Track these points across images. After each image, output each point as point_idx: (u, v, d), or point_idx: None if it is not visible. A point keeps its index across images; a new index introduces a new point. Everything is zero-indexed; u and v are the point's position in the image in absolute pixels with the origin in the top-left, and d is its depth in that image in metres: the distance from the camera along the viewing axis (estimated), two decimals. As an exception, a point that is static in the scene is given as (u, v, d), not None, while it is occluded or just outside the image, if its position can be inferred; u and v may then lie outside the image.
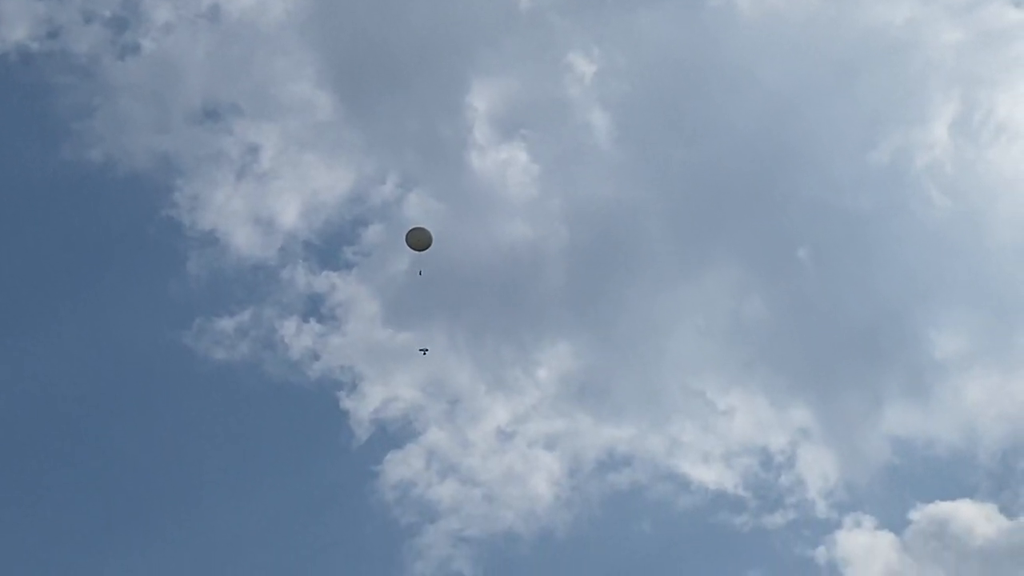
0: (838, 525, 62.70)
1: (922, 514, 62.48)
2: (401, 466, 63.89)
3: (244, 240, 67.96)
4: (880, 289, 68.83)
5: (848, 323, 68.21)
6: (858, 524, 62.84)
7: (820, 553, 61.73)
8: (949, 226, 69.91)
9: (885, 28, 71.86)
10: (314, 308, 67.69)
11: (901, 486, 64.67)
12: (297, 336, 65.82)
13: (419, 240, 49.84)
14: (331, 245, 70.43)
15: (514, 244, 69.41)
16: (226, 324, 65.48)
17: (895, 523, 62.54)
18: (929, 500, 63.05)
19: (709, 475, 63.88)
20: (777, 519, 63.23)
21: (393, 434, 65.15)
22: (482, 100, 71.62)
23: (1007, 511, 61.33)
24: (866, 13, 72.91)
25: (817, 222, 69.74)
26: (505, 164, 71.35)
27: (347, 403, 64.83)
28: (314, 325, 66.59)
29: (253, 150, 69.87)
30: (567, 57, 71.45)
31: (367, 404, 64.85)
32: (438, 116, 71.57)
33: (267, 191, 70.04)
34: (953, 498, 62.81)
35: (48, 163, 67.46)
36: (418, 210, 68.71)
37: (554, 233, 69.42)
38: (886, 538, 62.05)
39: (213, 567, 60.47)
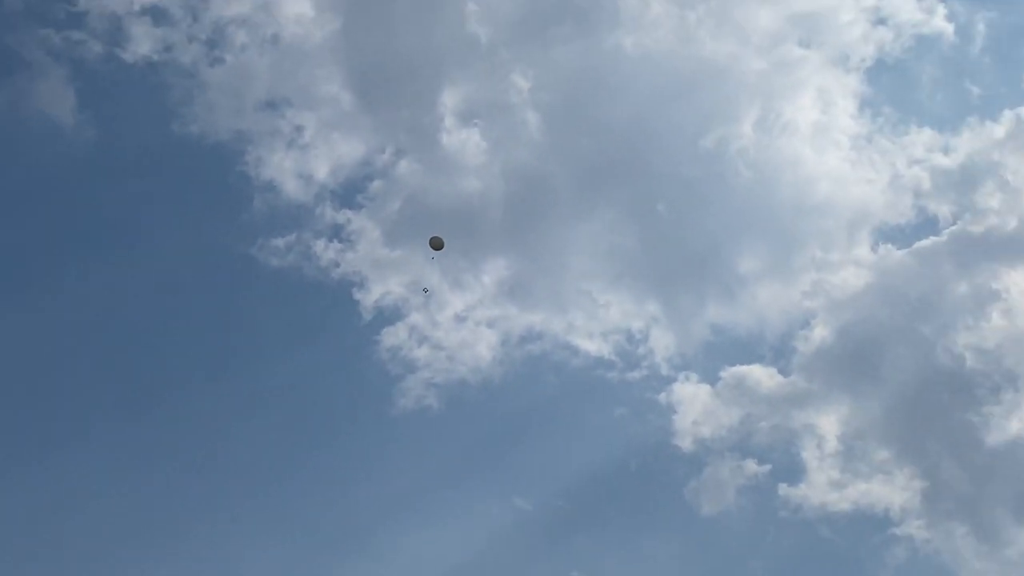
0: (674, 379, 74.04)
1: (728, 373, 73.90)
2: (392, 337, 74.44)
3: (292, 188, 77.35)
4: (706, 228, 78.59)
5: (685, 250, 78.36)
6: (687, 379, 74.25)
7: (662, 397, 73.55)
8: (751, 189, 78.72)
9: (714, 58, 79.40)
10: (337, 233, 76.88)
11: (715, 355, 75.52)
12: (325, 252, 75.89)
13: (437, 244, 55.65)
14: (348, 192, 78.61)
15: (469, 194, 78.27)
16: (279, 242, 75.69)
17: (711, 379, 73.99)
18: (733, 364, 74.44)
19: (592, 346, 74.76)
20: (635, 375, 74.49)
21: (388, 316, 75.14)
22: (451, 100, 79.46)
23: (783, 372, 73.69)
24: (702, 48, 79.89)
25: (668, 185, 79.08)
26: (464, 142, 79.20)
27: (358, 296, 75.30)
28: (336, 245, 76.29)
29: (299, 129, 78.37)
30: (511, 76, 78.85)
31: (371, 297, 75.16)
32: (421, 109, 79.09)
33: (307, 156, 78.53)
34: (748, 363, 74.35)
35: (162, 135, 77.14)
36: (406, 171, 78.78)
37: (495, 187, 78.20)
38: (704, 388, 73.81)
39: (269, 399, 71.93)
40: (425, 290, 71.61)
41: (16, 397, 68.17)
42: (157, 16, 75.48)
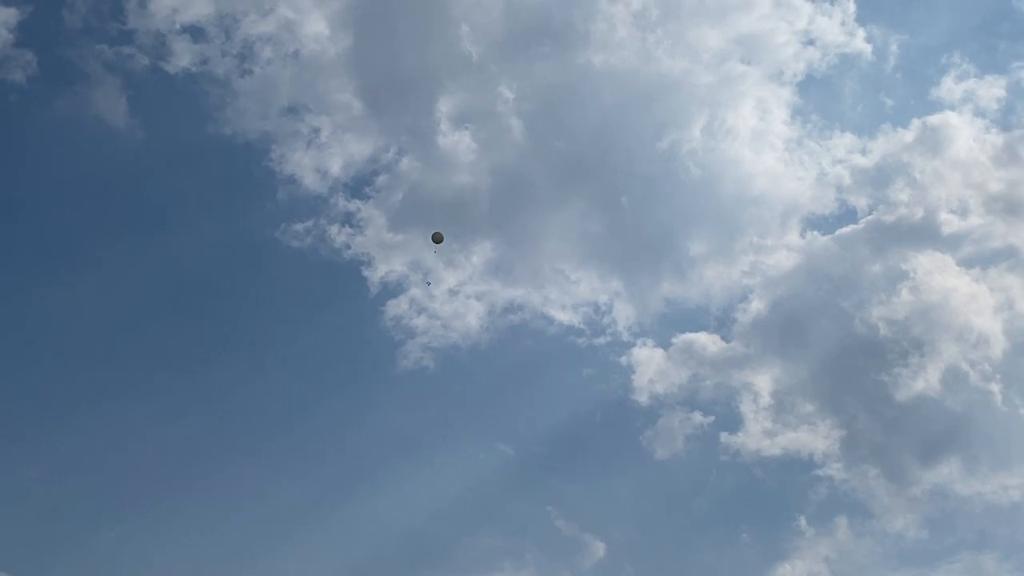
0: (633, 345, 77.80)
1: (679, 340, 77.72)
2: (395, 308, 78.17)
3: (310, 181, 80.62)
4: (661, 217, 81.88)
5: (644, 236, 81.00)
6: (644, 344, 77.88)
7: (623, 360, 77.42)
8: (699, 185, 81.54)
9: (669, 73, 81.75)
10: (348, 220, 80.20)
11: (668, 324, 79.25)
12: (339, 235, 79.25)
13: (437, 238, 58.56)
14: (358, 185, 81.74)
15: (461, 187, 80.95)
16: (299, 227, 79.18)
17: (664, 344, 77.82)
18: (683, 332, 78.10)
19: (564, 316, 78.42)
20: (601, 341, 78.06)
21: (392, 290, 78.75)
22: (446, 107, 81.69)
23: (725, 338, 77.77)
24: (659, 65, 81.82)
25: (630, 181, 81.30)
26: (457, 142, 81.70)
27: (366, 273, 78.87)
28: (348, 229, 79.59)
29: (316, 131, 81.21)
30: (498, 88, 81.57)
31: (377, 274, 78.52)
32: (420, 115, 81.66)
33: (323, 154, 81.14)
34: (696, 331, 78.26)
35: (200, 136, 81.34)
36: (408, 167, 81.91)
37: (483, 182, 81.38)
38: (659, 352, 77.61)
39: (290, 359, 76.75)
40: (428, 283, 76.51)
41: (81, 355, 73.62)
42: (195, 34, 78.91)
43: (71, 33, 77.86)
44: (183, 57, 78.50)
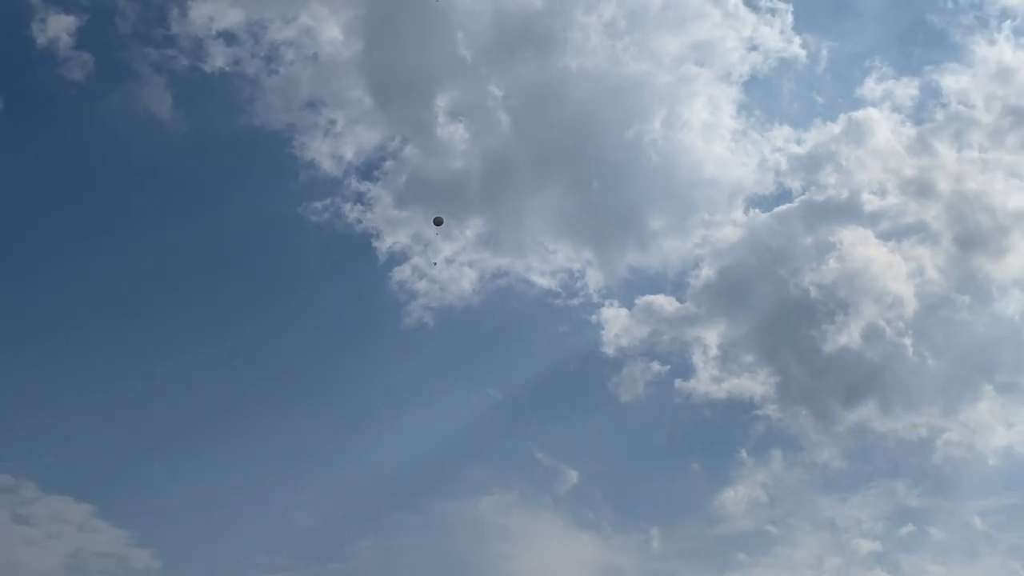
0: (602, 305, 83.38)
1: (641, 300, 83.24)
2: (401, 273, 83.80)
3: (327, 165, 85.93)
4: (627, 198, 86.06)
5: (611, 213, 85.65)
6: (612, 305, 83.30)
7: (594, 318, 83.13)
8: (658, 170, 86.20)
9: (634, 74, 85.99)
10: (360, 199, 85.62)
11: (632, 288, 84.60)
12: (352, 211, 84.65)
13: (438, 221, 63.24)
14: (369, 169, 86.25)
15: (456, 171, 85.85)
16: (318, 204, 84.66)
17: (628, 304, 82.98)
18: (644, 294, 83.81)
19: (543, 281, 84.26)
20: (575, 302, 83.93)
21: (398, 259, 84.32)
22: (443, 103, 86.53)
23: (679, 300, 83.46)
24: (626, 67, 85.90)
25: (600, 166, 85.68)
26: (453, 132, 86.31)
27: (375, 244, 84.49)
28: (359, 207, 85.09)
29: (332, 122, 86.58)
30: (488, 86, 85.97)
31: (385, 244, 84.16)
32: (421, 109, 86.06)
33: (339, 142, 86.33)
34: (655, 294, 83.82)
35: (234, 126, 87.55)
36: (411, 154, 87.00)
37: (475, 167, 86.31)
38: (624, 312, 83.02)
39: (311, 318, 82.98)
40: (434, 263, 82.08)
41: (134, 314, 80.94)
42: (229, 39, 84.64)
43: (123, 38, 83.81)
44: (219, 59, 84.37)
